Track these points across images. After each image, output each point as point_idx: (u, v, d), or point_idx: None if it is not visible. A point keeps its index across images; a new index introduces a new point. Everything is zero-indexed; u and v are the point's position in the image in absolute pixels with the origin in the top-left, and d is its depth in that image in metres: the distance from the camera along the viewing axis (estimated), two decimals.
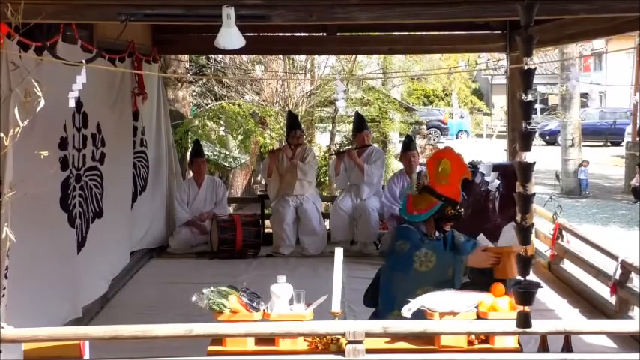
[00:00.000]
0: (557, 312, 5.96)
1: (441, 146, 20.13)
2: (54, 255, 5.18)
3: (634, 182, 15.96)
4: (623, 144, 22.41)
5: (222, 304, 3.77)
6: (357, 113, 9.30)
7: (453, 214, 4.38)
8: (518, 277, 3.03)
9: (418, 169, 7.81)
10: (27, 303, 4.58)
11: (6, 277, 4.01)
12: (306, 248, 8.09)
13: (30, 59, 4.32)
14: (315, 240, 8.13)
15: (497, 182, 7.21)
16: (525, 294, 2.93)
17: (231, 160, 13.51)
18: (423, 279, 4.24)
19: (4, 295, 4.02)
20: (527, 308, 3.02)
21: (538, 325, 3.60)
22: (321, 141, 16.21)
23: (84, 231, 5.82)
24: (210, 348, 3.76)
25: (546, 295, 6.31)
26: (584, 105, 28.95)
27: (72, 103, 3.99)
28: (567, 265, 6.97)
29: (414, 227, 4.44)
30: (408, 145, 8.21)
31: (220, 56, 13.56)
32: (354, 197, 8.23)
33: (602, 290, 6.07)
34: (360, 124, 8.64)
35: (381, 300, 4.44)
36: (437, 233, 4.45)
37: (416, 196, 4.50)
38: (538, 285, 2.98)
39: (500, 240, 4.26)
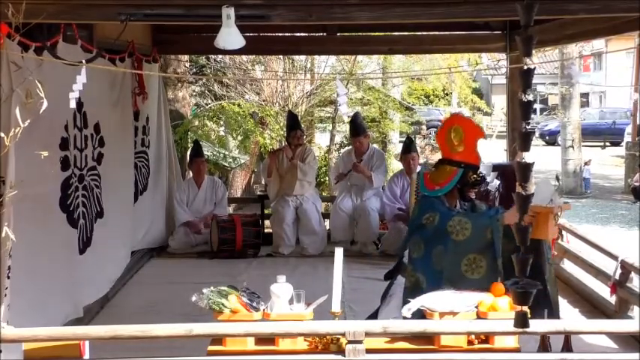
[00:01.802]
0: None
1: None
2: (55, 255, 5.19)
3: (634, 182, 15.96)
4: (623, 144, 22.41)
5: (222, 304, 3.77)
6: (353, 116, 8.94)
7: (475, 178, 4.26)
8: (516, 278, 3.03)
9: (418, 169, 7.84)
10: (28, 303, 4.58)
11: (8, 278, 4.01)
12: (306, 248, 8.09)
13: (31, 60, 4.33)
14: (315, 240, 8.13)
15: (497, 182, 7.21)
16: (523, 294, 2.93)
17: (231, 160, 13.51)
18: (464, 248, 4.12)
19: (5, 295, 4.02)
20: (525, 308, 3.02)
21: (538, 325, 3.60)
22: (321, 141, 16.20)
23: (88, 231, 5.82)
24: (210, 348, 3.76)
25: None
26: (584, 105, 28.95)
27: (73, 104, 4.00)
28: (567, 265, 6.97)
29: (439, 199, 4.29)
30: (409, 146, 8.21)
31: (220, 56, 13.55)
32: (355, 197, 8.23)
33: (602, 290, 6.07)
34: (354, 129, 8.42)
35: (425, 277, 4.25)
36: (458, 205, 4.32)
37: (432, 172, 4.39)
38: (536, 285, 2.97)
39: (536, 197, 4.08)
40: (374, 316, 4.59)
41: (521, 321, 3.00)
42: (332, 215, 8.37)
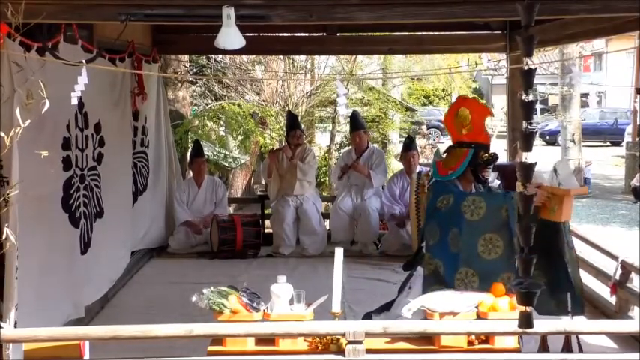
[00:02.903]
0: None
1: (441, 146, 20.13)
2: (56, 255, 5.19)
3: (634, 182, 15.95)
4: (623, 144, 22.40)
5: (222, 304, 3.77)
6: (352, 113, 9.10)
7: (487, 157, 4.24)
8: (520, 278, 3.02)
9: (418, 169, 7.84)
10: (29, 303, 4.57)
11: (16, 278, 4.03)
12: (306, 248, 8.09)
13: (33, 60, 4.34)
14: (315, 240, 8.13)
15: (497, 182, 7.20)
16: (527, 294, 2.93)
17: (231, 160, 13.50)
18: (480, 228, 4.11)
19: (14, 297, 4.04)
20: (528, 308, 3.02)
21: (538, 325, 3.60)
22: (321, 141, 16.19)
23: (89, 231, 5.82)
24: (210, 348, 3.77)
25: None
26: (584, 105, 28.94)
27: (74, 102, 4.00)
28: None
29: (452, 184, 4.29)
30: (409, 145, 8.22)
31: (220, 56, 13.55)
32: (355, 197, 8.23)
33: (602, 290, 6.06)
34: (353, 123, 8.55)
35: (442, 262, 4.24)
36: (473, 189, 4.31)
37: (444, 159, 4.39)
38: (539, 285, 2.97)
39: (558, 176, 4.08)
40: (387, 306, 4.55)
41: (526, 321, 3.00)
42: (332, 215, 8.37)
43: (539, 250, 2.92)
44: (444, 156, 4.43)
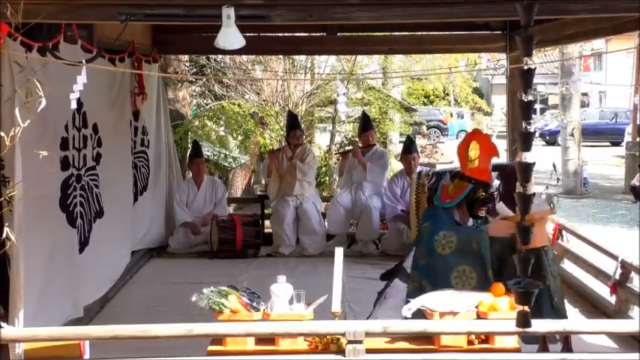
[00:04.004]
0: None
1: (441, 146, 20.13)
2: (55, 255, 5.19)
3: (634, 182, 15.94)
4: (623, 144, 22.40)
5: (222, 304, 3.77)
6: (363, 113, 9.40)
7: (484, 196, 4.29)
8: (518, 278, 3.03)
9: (418, 169, 7.84)
10: (28, 303, 4.57)
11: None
12: (306, 248, 8.10)
13: (34, 60, 4.34)
14: (315, 240, 8.13)
15: (497, 182, 7.20)
16: (525, 294, 2.93)
17: (231, 160, 13.50)
18: (452, 261, 4.18)
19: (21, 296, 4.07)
20: (526, 308, 3.02)
21: (538, 325, 3.60)
22: (321, 141, 16.18)
23: (86, 231, 5.82)
24: (210, 348, 3.77)
25: None
26: (584, 105, 28.93)
27: (74, 105, 4.01)
28: (567, 265, 6.97)
29: (447, 212, 4.36)
30: (409, 147, 8.22)
31: (220, 56, 13.54)
32: (354, 193, 8.25)
33: (602, 290, 6.06)
34: (365, 123, 8.70)
35: (428, 281, 4.31)
36: (471, 221, 4.37)
37: (449, 185, 4.44)
38: (538, 285, 2.98)
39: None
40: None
41: (523, 321, 3.01)
42: (330, 208, 8.39)
43: None
44: (450, 183, 4.47)
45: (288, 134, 8.43)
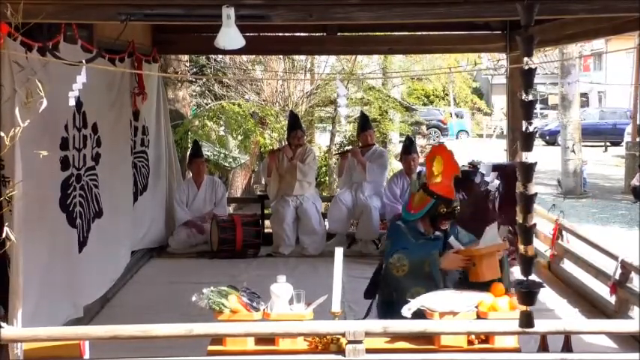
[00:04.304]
0: (557, 312, 5.96)
1: None
2: (55, 255, 5.19)
3: (634, 182, 15.94)
4: (624, 144, 22.39)
5: (222, 304, 3.77)
6: (361, 113, 9.44)
7: (445, 212, 4.35)
8: (521, 278, 3.02)
9: (418, 169, 7.84)
10: (28, 303, 4.58)
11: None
12: (306, 248, 8.09)
13: (34, 60, 4.34)
14: (315, 240, 8.13)
15: (497, 182, 7.21)
16: (528, 294, 2.93)
17: (231, 160, 13.50)
18: (407, 283, 4.26)
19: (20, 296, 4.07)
20: (529, 308, 3.02)
21: (538, 325, 3.60)
22: (321, 141, 16.19)
23: (85, 231, 5.82)
24: (210, 348, 3.77)
25: (546, 295, 6.31)
26: (584, 105, 28.93)
27: (72, 102, 4.00)
28: (567, 265, 6.97)
29: (411, 225, 4.43)
30: (409, 147, 8.21)
31: (220, 56, 13.55)
32: (354, 193, 8.25)
33: (602, 290, 6.06)
34: (364, 123, 8.70)
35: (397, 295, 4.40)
36: (436, 232, 4.43)
37: (416, 194, 4.49)
38: (541, 285, 2.98)
39: (481, 240, 4.24)
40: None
41: (527, 321, 3.00)
42: (331, 207, 8.38)
43: None
44: (416, 191, 4.51)
45: (289, 134, 8.43)
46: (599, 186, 18.78)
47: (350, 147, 8.47)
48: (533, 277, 2.99)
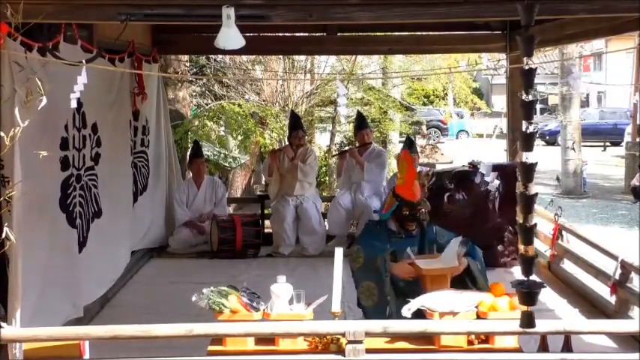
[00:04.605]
0: (557, 312, 5.96)
1: (440, 146, 20.14)
2: (55, 255, 5.19)
3: (634, 182, 15.94)
4: (623, 144, 22.39)
5: (222, 304, 3.77)
6: (358, 112, 9.38)
7: (407, 215, 4.45)
8: (521, 278, 3.02)
9: (418, 169, 7.84)
10: (28, 303, 4.58)
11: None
12: (306, 248, 8.09)
13: (34, 60, 4.34)
14: (315, 240, 8.12)
15: (497, 182, 7.21)
16: (529, 294, 2.93)
17: (231, 160, 13.50)
18: (360, 275, 4.47)
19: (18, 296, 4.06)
20: (530, 308, 3.02)
21: (538, 325, 3.60)
22: (321, 141, 16.19)
23: (84, 231, 5.82)
24: (210, 348, 3.77)
25: (546, 295, 6.30)
26: (584, 105, 28.93)
27: (74, 104, 4.01)
28: (567, 265, 6.97)
29: (384, 225, 4.58)
30: (409, 148, 8.20)
31: (220, 56, 13.54)
32: (353, 194, 8.25)
33: (602, 290, 6.06)
34: (360, 122, 8.68)
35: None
36: (410, 232, 4.51)
37: (389, 195, 4.65)
38: (542, 285, 2.97)
39: (442, 255, 4.34)
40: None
41: (528, 321, 3.00)
42: (330, 209, 8.38)
43: None
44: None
45: (290, 134, 8.42)
46: (599, 186, 18.78)
47: (348, 147, 8.44)
48: (533, 277, 2.99)
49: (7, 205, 3.91)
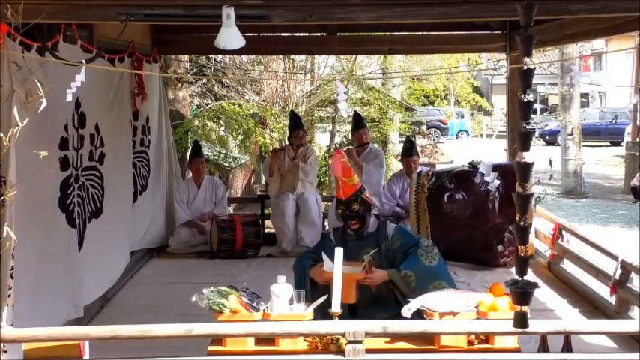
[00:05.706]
0: (557, 312, 5.95)
1: (441, 146, 20.13)
2: (55, 255, 5.19)
3: (634, 182, 15.95)
4: (623, 144, 22.40)
5: (222, 304, 3.77)
6: (355, 112, 9.36)
7: (341, 213, 4.45)
8: (516, 277, 3.03)
9: (418, 169, 7.84)
10: (28, 303, 4.58)
11: (11, 277, 4.02)
12: (303, 238, 8.01)
13: (33, 60, 4.33)
14: (312, 231, 8.05)
15: (497, 182, 7.20)
16: (523, 294, 2.93)
17: (231, 160, 13.50)
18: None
19: (9, 295, 4.03)
20: (524, 308, 3.02)
21: (538, 325, 3.60)
22: (321, 141, 16.19)
23: (82, 231, 5.83)
24: (210, 348, 3.76)
25: (546, 295, 6.31)
26: (584, 105, 28.92)
27: (69, 98, 4.00)
28: (567, 265, 6.97)
29: (339, 231, 4.58)
30: (409, 150, 8.19)
31: (220, 56, 13.55)
32: None
33: (602, 290, 6.06)
34: (357, 122, 8.68)
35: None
36: (367, 231, 4.46)
37: None
38: (535, 285, 2.97)
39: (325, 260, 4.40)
40: None
41: (521, 321, 3.00)
42: (330, 210, 8.35)
43: None
44: None
45: (291, 134, 8.41)
46: (599, 186, 18.78)
47: (346, 148, 8.43)
48: (533, 277, 3.00)
49: (4, 206, 3.90)
